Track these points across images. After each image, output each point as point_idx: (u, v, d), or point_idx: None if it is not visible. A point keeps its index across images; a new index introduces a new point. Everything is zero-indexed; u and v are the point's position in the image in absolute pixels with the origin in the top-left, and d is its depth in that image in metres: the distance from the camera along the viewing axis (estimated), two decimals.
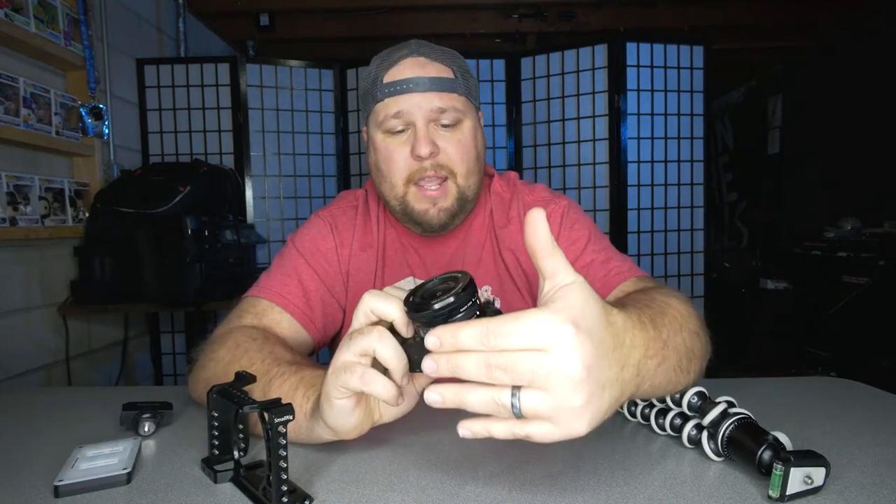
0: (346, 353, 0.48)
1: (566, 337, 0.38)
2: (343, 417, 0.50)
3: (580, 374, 0.38)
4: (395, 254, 0.90)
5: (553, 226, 0.87)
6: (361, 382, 0.47)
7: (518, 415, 0.39)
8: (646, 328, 0.48)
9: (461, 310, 0.41)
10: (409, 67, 0.79)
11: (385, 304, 0.47)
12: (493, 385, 0.39)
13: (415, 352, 0.48)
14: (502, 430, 0.41)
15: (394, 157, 0.80)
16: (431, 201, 0.80)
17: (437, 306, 0.41)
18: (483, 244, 0.90)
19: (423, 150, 0.77)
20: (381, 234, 0.90)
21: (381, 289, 0.88)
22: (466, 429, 0.42)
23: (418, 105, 0.78)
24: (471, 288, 0.42)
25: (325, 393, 0.50)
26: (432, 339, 0.40)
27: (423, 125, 0.78)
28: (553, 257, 0.41)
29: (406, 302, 0.45)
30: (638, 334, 0.46)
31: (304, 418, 0.55)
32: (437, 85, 0.78)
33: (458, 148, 0.80)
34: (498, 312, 0.44)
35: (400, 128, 0.79)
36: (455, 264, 0.89)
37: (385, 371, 0.48)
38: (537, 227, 0.41)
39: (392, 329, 0.48)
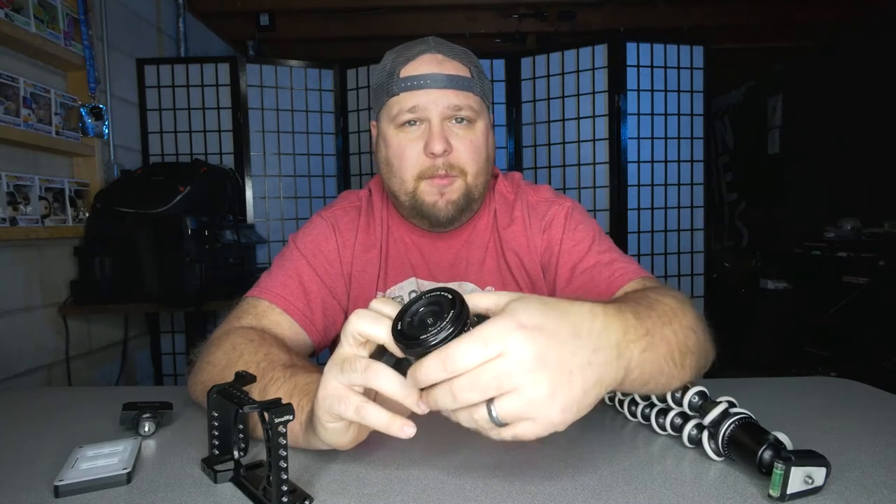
0: (335, 382, 0.47)
1: (513, 335, 0.40)
2: (337, 436, 0.50)
3: (534, 364, 0.40)
4: (398, 254, 0.90)
5: (557, 227, 0.87)
6: (357, 416, 0.46)
7: (499, 424, 0.41)
8: (623, 313, 0.49)
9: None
10: (427, 63, 0.79)
11: (373, 327, 0.46)
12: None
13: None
14: (492, 436, 0.44)
15: (406, 153, 0.80)
16: (440, 192, 0.80)
17: (432, 342, 0.41)
18: (486, 245, 0.89)
19: (437, 147, 0.77)
20: (384, 234, 0.90)
21: (383, 290, 0.89)
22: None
23: (435, 101, 0.78)
24: (462, 315, 0.42)
25: (317, 416, 0.49)
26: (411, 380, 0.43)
27: (438, 122, 0.78)
28: (483, 299, 0.46)
29: (394, 331, 0.44)
30: (613, 319, 0.47)
31: (300, 429, 0.54)
32: (454, 83, 0.78)
33: (470, 147, 0.80)
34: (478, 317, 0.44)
35: (414, 123, 0.79)
36: (458, 264, 0.89)
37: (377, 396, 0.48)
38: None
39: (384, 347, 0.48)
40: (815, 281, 3.12)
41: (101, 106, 2.01)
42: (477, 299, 0.46)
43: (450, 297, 0.43)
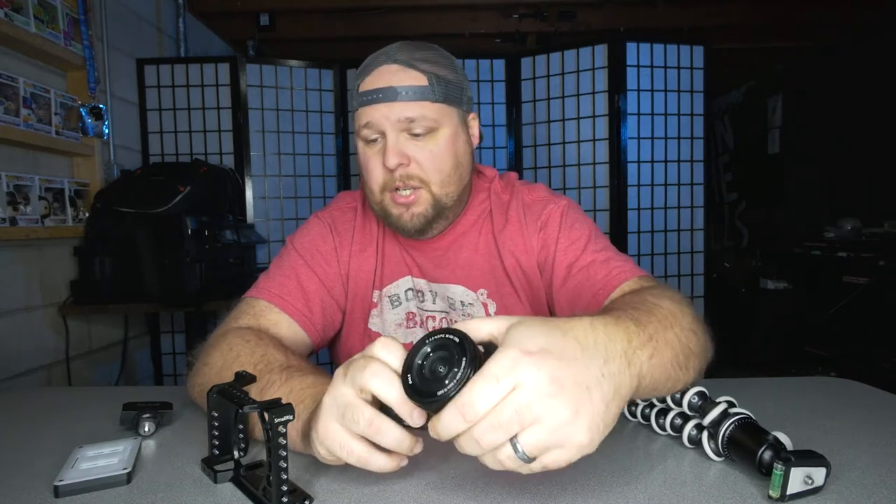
0: (336, 426, 0.47)
1: (522, 364, 0.39)
2: (335, 461, 0.50)
3: (550, 389, 0.39)
4: (393, 253, 0.90)
5: (553, 225, 0.87)
6: (359, 464, 0.47)
7: (526, 460, 0.40)
8: (623, 322, 0.48)
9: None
10: (381, 76, 0.78)
11: (387, 389, 0.44)
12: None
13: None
14: (522, 472, 0.42)
15: (369, 166, 0.80)
16: (404, 206, 0.80)
17: (453, 395, 0.40)
18: (477, 246, 0.89)
19: (391, 161, 0.77)
20: (380, 234, 0.91)
21: (379, 288, 0.89)
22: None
23: (386, 116, 0.77)
24: (476, 361, 0.40)
25: (315, 448, 0.49)
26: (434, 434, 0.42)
27: (394, 136, 0.77)
28: (483, 325, 0.45)
29: (406, 387, 0.42)
30: (615, 328, 0.47)
31: (297, 435, 0.54)
32: (406, 95, 0.77)
33: (430, 158, 0.79)
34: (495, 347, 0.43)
35: (373, 137, 0.79)
36: (446, 266, 0.88)
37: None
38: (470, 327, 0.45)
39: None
40: (815, 281, 3.12)
41: (101, 106, 2.01)
42: (476, 327, 0.45)
43: (457, 339, 0.41)
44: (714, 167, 5.25)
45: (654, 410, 0.63)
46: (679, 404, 0.60)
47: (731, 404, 0.57)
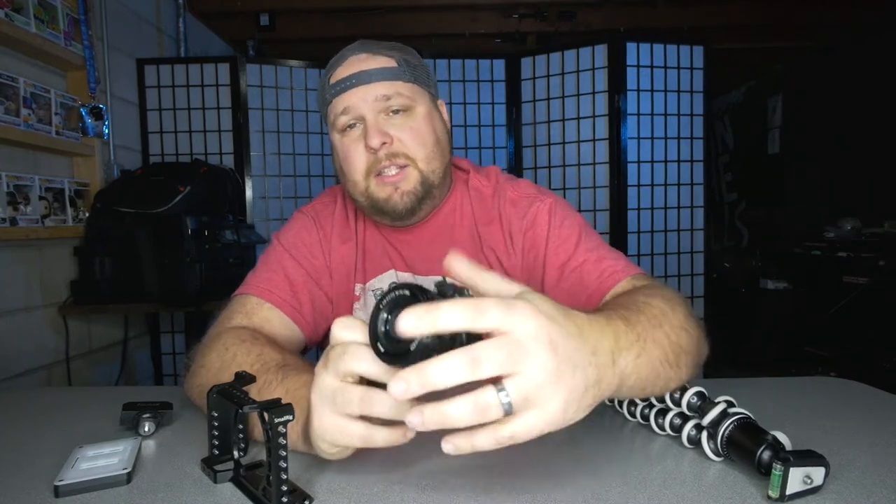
0: (331, 416, 0.47)
1: (532, 315, 0.40)
2: (338, 456, 0.51)
3: (547, 347, 0.39)
4: (375, 246, 0.90)
5: (541, 225, 0.85)
6: (364, 443, 0.47)
7: (508, 409, 0.39)
8: (613, 321, 0.49)
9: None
10: (352, 65, 0.79)
11: (370, 365, 0.44)
12: (472, 390, 0.39)
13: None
14: (486, 439, 0.41)
15: (350, 155, 0.80)
16: (393, 186, 0.79)
17: (426, 341, 0.39)
18: (462, 240, 0.88)
19: (373, 140, 0.77)
20: (361, 227, 0.90)
21: (362, 283, 0.88)
22: (450, 444, 0.41)
23: (363, 98, 0.78)
24: (424, 296, 0.40)
25: (317, 445, 0.49)
26: (404, 384, 0.38)
27: (373, 117, 0.78)
28: (488, 279, 0.44)
29: (381, 355, 0.42)
30: (605, 327, 0.47)
31: (298, 438, 0.54)
32: (379, 75, 0.78)
33: (411, 134, 0.79)
34: (454, 290, 0.43)
35: (351, 123, 0.80)
36: (433, 257, 0.87)
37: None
38: (454, 265, 0.44)
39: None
40: (815, 281, 3.12)
41: (101, 106, 2.01)
42: (488, 281, 0.44)
43: (408, 293, 0.41)
44: (714, 167, 5.25)
45: (654, 410, 0.63)
46: (678, 404, 0.60)
47: (730, 404, 0.57)
